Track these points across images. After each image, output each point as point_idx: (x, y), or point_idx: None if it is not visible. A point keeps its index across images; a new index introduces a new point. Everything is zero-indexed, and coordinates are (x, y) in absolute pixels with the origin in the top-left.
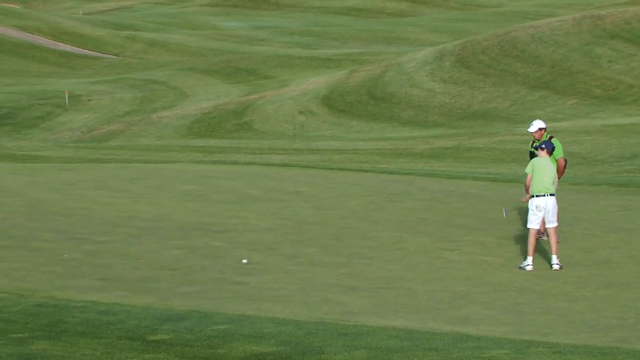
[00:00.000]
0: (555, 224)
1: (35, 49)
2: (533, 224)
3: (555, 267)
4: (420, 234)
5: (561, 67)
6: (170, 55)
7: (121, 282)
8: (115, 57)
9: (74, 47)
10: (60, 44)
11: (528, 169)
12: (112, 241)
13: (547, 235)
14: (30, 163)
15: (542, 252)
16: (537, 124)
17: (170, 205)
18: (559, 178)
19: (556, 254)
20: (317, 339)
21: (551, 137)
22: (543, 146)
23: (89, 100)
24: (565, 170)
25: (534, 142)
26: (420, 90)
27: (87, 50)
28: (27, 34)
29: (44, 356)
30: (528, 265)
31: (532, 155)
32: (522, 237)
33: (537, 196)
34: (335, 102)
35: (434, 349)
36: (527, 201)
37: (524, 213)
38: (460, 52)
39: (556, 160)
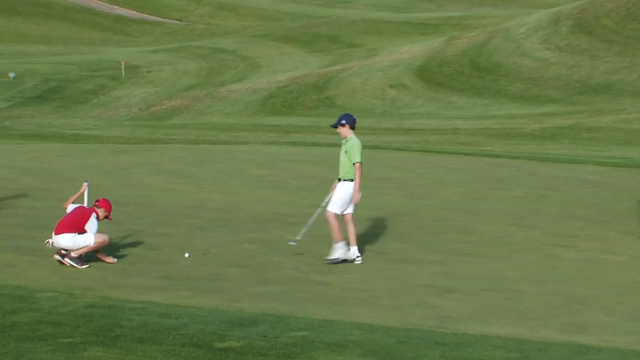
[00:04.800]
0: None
1: (87, 13)
2: (340, 209)
3: (358, 261)
4: (530, 228)
5: None
6: (240, 20)
7: (184, 280)
8: (178, 22)
9: (131, 11)
10: (116, 7)
11: (359, 157)
12: (174, 234)
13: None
14: (81, 144)
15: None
16: None
17: (241, 193)
18: None
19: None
20: (409, 349)
21: None
22: (344, 121)
23: (148, 71)
24: None
25: None
26: (532, 60)
27: (145, 15)
28: None
29: None
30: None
31: None
32: None
33: (352, 180)
34: (431, 74)
35: None
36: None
37: None
38: (580, 15)
39: None
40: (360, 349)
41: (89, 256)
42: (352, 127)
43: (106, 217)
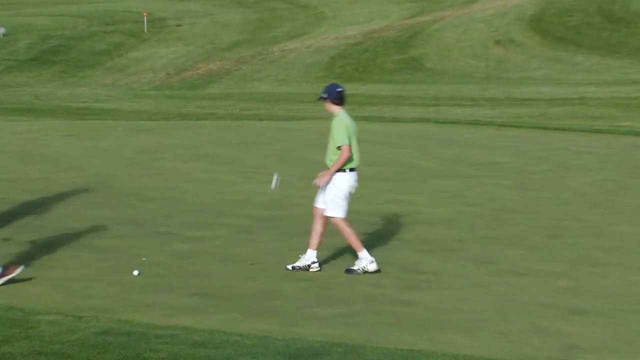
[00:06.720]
0: None
1: None
2: (344, 211)
3: (315, 267)
4: None
5: None
6: None
7: (226, 299)
8: None
9: None
10: None
11: (344, 139)
12: (213, 237)
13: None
14: (92, 120)
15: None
16: None
17: (299, 183)
18: None
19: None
20: None
21: None
22: (325, 95)
23: (177, 25)
24: None
25: None
26: None
27: None
28: None
29: None
30: (371, 262)
31: None
32: None
33: (352, 170)
34: (550, 27)
35: None
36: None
37: None
38: None
39: None
40: None
41: (100, 268)
42: (336, 102)
43: None
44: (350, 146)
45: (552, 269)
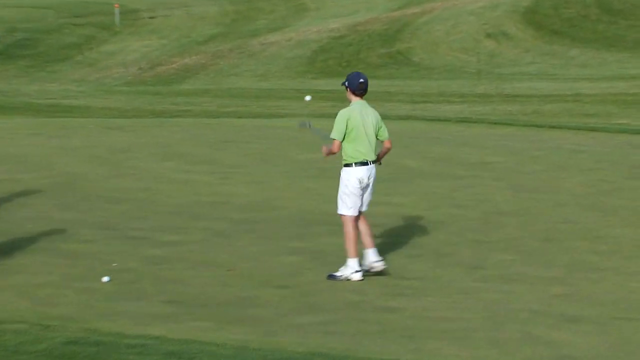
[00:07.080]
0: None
1: None
2: (351, 208)
3: (379, 265)
4: None
5: None
6: None
7: (202, 306)
8: None
9: None
10: None
11: (337, 134)
12: (188, 241)
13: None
14: (61, 117)
15: None
16: None
17: (280, 184)
18: None
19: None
20: None
21: None
22: (345, 82)
23: (151, 17)
24: None
25: None
26: None
27: None
28: None
29: None
30: (356, 271)
31: None
32: None
33: (361, 164)
34: (544, 19)
35: None
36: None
37: None
38: None
39: None
40: None
41: (68, 274)
42: (354, 92)
43: None
44: (340, 142)
45: (545, 275)
